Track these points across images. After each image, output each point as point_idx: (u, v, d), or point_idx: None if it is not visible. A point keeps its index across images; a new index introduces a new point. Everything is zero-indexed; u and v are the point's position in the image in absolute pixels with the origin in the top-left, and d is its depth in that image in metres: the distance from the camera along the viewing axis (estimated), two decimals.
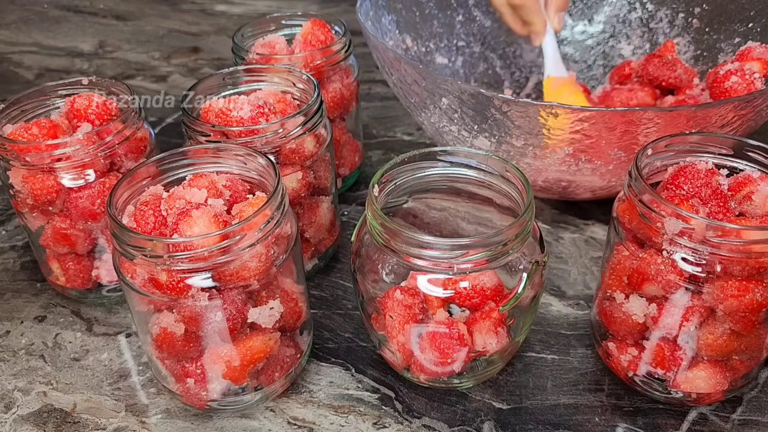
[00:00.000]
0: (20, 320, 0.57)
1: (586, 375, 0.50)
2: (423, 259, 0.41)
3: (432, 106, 0.60)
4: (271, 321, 0.44)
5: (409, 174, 0.48)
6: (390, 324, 0.45)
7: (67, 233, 0.53)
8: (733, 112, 0.52)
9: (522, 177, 0.45)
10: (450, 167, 0.48)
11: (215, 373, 0.45)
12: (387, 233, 0.42)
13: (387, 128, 0.81)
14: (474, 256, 0.41)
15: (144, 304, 0.44)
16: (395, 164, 0.47)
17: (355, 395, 0.49)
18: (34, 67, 0.98)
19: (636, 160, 0.44)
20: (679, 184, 0.44)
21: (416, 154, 0.47)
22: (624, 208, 0.45)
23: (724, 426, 0.46)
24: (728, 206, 0.43)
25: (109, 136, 0.51)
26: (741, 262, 0.40)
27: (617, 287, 0.46)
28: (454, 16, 0.80)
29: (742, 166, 0.46)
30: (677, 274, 0.41)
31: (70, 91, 0.56)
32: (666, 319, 0.43)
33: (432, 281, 0.42)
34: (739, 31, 0.72)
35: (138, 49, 1.03)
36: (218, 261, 0.40)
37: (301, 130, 0.51)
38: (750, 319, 0.41)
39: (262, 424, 0.48)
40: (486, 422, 0.47)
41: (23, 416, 0.48)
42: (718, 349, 0.43)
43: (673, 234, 0.40)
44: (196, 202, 0.43)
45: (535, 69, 0.82)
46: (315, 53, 0.61)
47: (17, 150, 0.49)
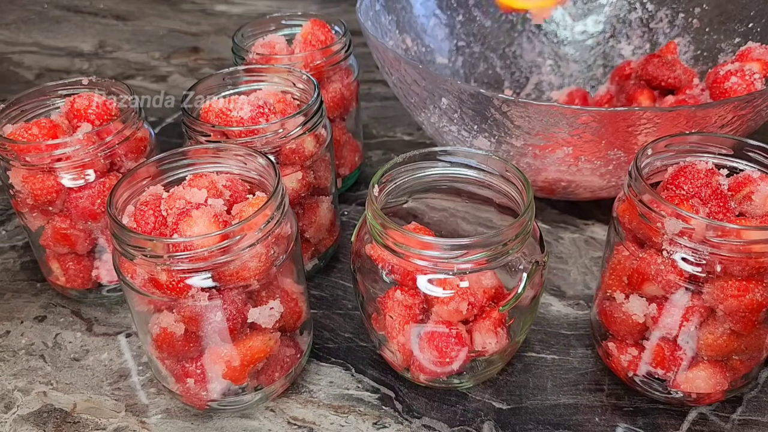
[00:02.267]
0: (20, 320, 0.57)
1: (586, 375, 0.50)
2: (423, 259, 0.41)
3: (432, 106, 0.60)
4: (271, 321, 0.44)
5: (409, 174, 0.48)
6: (390, 324, 0.45)
7: (67, 233, 0.53)
8: (732, 113, 0.52)
9: (522, 177, 0.45)
10: (450, 167, 0.48)
11: (215, 373, 0.45)
12: (387, 233, 0.42)
13: (387, 128, 0.81)
14: (474, 256, 0.41)
15: (144, 304, 0.44)
16: (395, 164, 0.47)
17: (355, 395, 0.49)
18: (34, 67, 0.98)
19: (636, 160, 0.44)
20: (679, 184, 0.44)
21: (416, 154, 0.47)
22: (624, 208, 0.45)
23: (724, 426, 0.46)
24: (728, 206, 0.43)
25: (109, 136, 0.51)
26: (741, 262, 0.40)
27: (617, 287, 0.46)
28: (454, 16, 0.80)
29: (742, 166, 0.46)
30: (677, 274, 0.41)
31: (70, 91, 0.56)
32: (666, 319, 0.43)
33: (432, 281, 0.42)
34: (739, 32, 0.72)
35: (138, 49, 1.03)
36: (218, 261, 0.40)
37: (301, 130, 0.51)
38: (750, 319, 0.41)
39: (262, 424, 0.48)
40: (486, 422, 0.47)
41: (23, 416, 0.48)
42: (718, 349, 0.43)
43: (673, 234, 0.40)
44: (196, 202, 0.43)
45: (535, 69, 0.82)
46: (315, 53, 0.61)
47: (17, 150, 0.50)
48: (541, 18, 0.73)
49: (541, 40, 0.82)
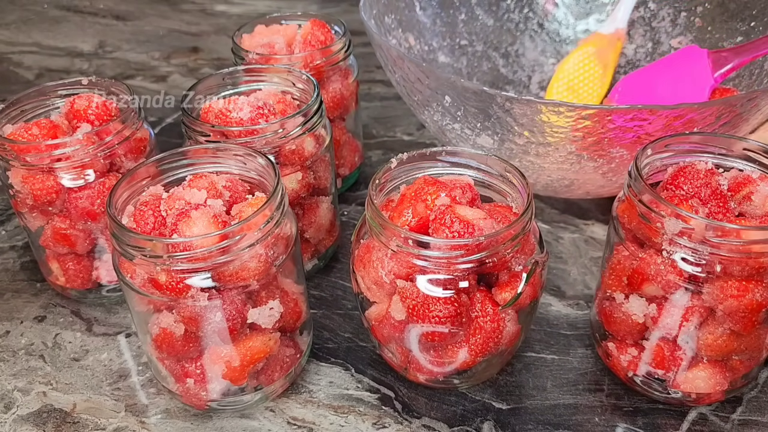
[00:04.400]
0: (20, 320, 0.57)
1: (586, 375, 0.50)
2: (422, 258, 0.41)
3: (435, 104, 0.60)
4: (270, 321, 0.44)
5: (408, 174, 0.48)
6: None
7: (66, 233, 0.53)
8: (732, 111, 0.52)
9: (522, 177, 0.45)
10: (450, 167, 0.48)
11: (215, 374, 0.45)
12: (385, 232, 0.42)
13: (387, 128, 0.81)
14: (474, 256, 0.41)
15: (144, 304, 0.44)
16: (384, 171, 0.46)
17: (354, 395, 0.49)
18: (34, 67, 0.98)
19: (636, 160, 0.44)
20: (679, 184, 0.44)
21: (415, 155, 0.47)
22: (624, 208, 0.45)
23: (724, 426, 0.46)
24: (728, 206, 0.43)
25: (109, 137, 0.51)
26: (741, 262, 0.40)
27: (617, 287, 0.46)
28: (456, 15, 0.80)
29: (742, 166, 0.46)
30: (677, 274, 0.41)
31: (69, 92, 0.56)
32: (666, 319, 0.43)
33: (432, 281, 0.42)
34: (741, 30, 0.72)
35: (138, 49, 1.03)
36: (218, 261, 0.40)
37: (301, 130, 0.51)
38: (750, 319, 0.41)
39: (262, 424, 0.48)
40: (486, 422, 0.47)
41: (23, 416, 0.48)
42: (718, 349, 0.43)
43: (673, 234, 0.40)
44: (196, 202, 0.43)
45: (537, 68, 0.82)
46: (315, 53, 0.61)
47: (17, 150, 0.50)
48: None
49: (544, 38, 0.82)
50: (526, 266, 0.43)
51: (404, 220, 0.43)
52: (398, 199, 0.45)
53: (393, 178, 0.47)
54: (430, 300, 0.42)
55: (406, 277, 0.43)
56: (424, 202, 0.43)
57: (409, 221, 0.43)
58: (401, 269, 0.42)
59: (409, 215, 0.43)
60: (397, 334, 0.45)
